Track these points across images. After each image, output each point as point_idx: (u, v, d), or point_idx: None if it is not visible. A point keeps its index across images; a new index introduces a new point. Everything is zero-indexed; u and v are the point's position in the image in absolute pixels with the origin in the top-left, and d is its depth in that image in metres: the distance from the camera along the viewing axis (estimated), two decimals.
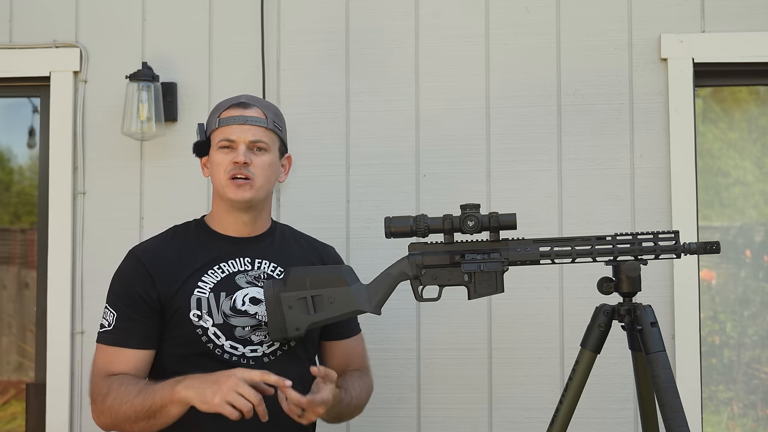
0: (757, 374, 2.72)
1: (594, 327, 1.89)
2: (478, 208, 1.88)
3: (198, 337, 1.85)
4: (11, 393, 3.23)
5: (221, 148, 1.91)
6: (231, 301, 1.88)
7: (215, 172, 1.92)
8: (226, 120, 1.91)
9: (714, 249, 1.83)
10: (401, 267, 1.92)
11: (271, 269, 1.96)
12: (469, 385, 2.55)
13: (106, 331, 1.87)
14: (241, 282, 1.91)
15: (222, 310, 1.87)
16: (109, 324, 1.87)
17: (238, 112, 1.92)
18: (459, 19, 2.63)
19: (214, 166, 1.92)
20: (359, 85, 2.64)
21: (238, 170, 1.88)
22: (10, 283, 3.23)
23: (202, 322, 1.85)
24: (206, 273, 1.89)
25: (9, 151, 3.30)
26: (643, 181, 2.55)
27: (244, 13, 2.67)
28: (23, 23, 2.73)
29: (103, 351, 1.87)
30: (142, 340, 1.86)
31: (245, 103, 1.94)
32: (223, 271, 1.91)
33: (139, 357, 1.86)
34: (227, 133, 1.90)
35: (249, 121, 1.91)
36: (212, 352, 1.85)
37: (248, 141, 1.90)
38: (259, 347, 1.88)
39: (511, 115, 2.60)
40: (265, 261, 1.96)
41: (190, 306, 1.86)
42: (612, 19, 2.59)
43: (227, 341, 1.86)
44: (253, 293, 1.90)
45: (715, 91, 2.79)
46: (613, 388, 2.50)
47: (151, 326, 1.86)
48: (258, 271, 1.93)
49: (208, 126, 1.96)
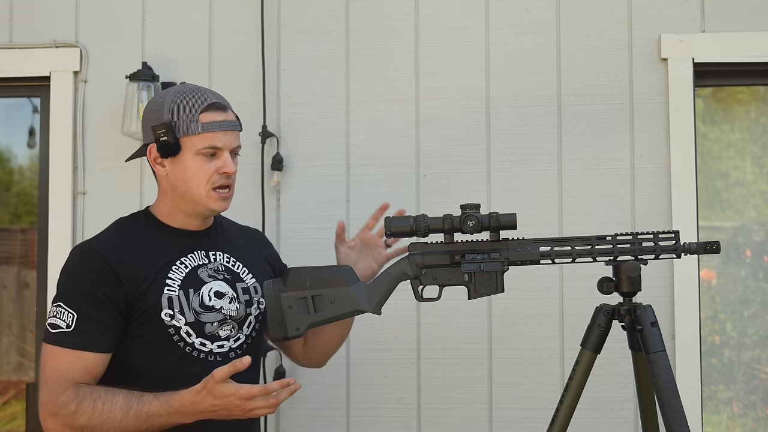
0: (757, 374, 2.72)
1: (594, 327, 1.89)
2: (478, 208, 1.88)
3: (169, 337, 1.79)
4: (11, 393, 3.24)
5: (201, 155, 1.81)
6: (199, 297, 1.82)
7: (191, 180, 1.81)
8: (211, 125, 1.80)
9: (714, 249, 1.83)
10: (401, 267, 1.92)
11: (225, 260, 1.91)
12: (469, 385, 2.55)
13: (63, 333, 1.73)
14: (204, 276, 1.85)
15: (193, 307, 1.81)
16: (67, 325, 1.73)
17: (221, 117, 1.82)
18: (459, 19, 2.64)
19: (189, 172, 1.81)
20: (359, 85, 2.64)
21: (226, 180, 1.83)
22: (10, 283, 3.23)
23: (175, 322, 1.79)
24: (171, 269, 1.82)
25: (9, 151, 3.30)
26: (643, 181, 2.55)
27: (244, 13, 2.67)
28: (23, 23, 2.73)
29: (61, 355, 1.73)
30: (105, 343, 1.75)
31: (221, 105, 1.84)
32: (186, 267, 1.84)
33: (100, 361, 1.75)
34: (212, 140, 1.80)
35: (233, 126, 1.83)
36: (182, 350, 1.80)
37: (233, 148, 1.84)
38: (225, 342, 1.84)
39: (511, 115, 2.60)
40: (218, 253, 1.91)
41: (162, 305, 1.78)
42: (612, 19, 2.60)
43: (197, 338, 1.81)
44: (216, 287, 1.85)
45: (715, 91, 2.79)
46: (613, 388, 2.50)
47: (114, 327, 1.76)
48: (215, 264, 1.89)
49: (179, 126, 1.80)
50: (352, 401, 2.58)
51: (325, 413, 2.58)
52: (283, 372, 2.55)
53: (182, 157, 1.81)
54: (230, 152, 1.84)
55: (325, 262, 2.20)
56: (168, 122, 1.80)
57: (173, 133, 1.80)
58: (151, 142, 1.84)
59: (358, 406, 2.57)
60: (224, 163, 1.82)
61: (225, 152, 1.82)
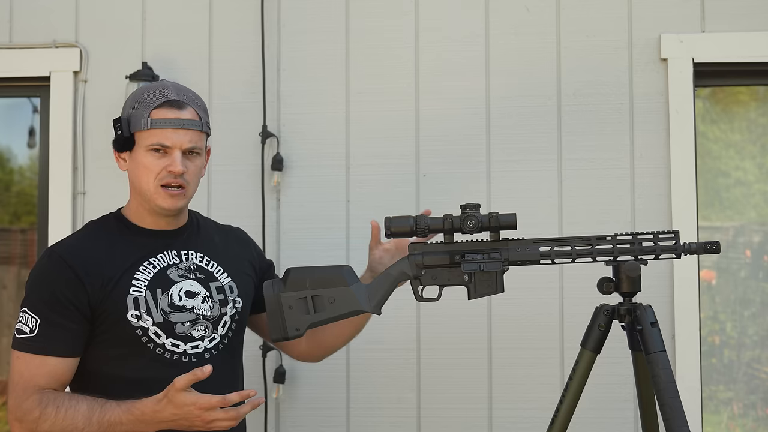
0: (757, 374, 2.72)
1: (594, 327, 1.89)
2: (478, 208, 1.88)
3: (137, 338, 1.76)
4: None
5: (152, 151, 1.78)
6: (168, 297, 1.80)
7: (142, 175, 1.79)
8: (160, 122, 1.76)
9: (714, 249, 1.83)
10: (401, 267, 1.92)
11: (198, 260, 1.89)
12: (469, 385, 2.55)
13: (27, 338, 1.72)
14: (174, 276, 1.83)
15: (161, 307, 1.78)
16: (31, 330, 1.71)
17: (173, 114, 1.77)
18: (459, 19, 2.63)
19: (140, 168, 1.79)
20: (359, 85, 2.64)
21: (172, 179, 1.78)
22: (10, 283, 3.23)
23: (142, 322, 1.76)
24: (138, 270, 1.79)
25: (9, 151, 3.30)
26: (643, 181, 2.55)
27: (244, 13, 2.67)
28: (23, 23, 2.73)
29: (26, 360, 1.72)
30: (69, 348, 1.73)
31: (179, 102, 1.79)
32: (154, 267, 1.82)
33: (66, 366, 1.74)
34: (161, 138, 1.76)
35: (185, 125, 1.78)
36: (152, 351, 1.77)
37: (184, 148, 1.78)
38: (200, 343, 1.81)
39: (511, 115, 2.60)
40: (191, 252, 1.88)
41: (128, 306, 1.75)
42: (612, 19, 2.60)
43: (168, 339, 1.78)
44: (187, 287, 1.83)
45: (715, 91, 2.79)
46: (613, 388, 2.50)
47: (78, 332, 1.74)
48: (187, 263, 1.86)
49: (133, 121, 1.78)
50: (352, 401, 2.58)
51: (325, 413, 2.58)
52: (284, 372, 2.55)
53: (136, 152, 1.80)
54: (187, 152, 1.80)
55: (325, 262, 2.20)
56: (125, 117, 1.80)
57: (128, 127, 1.79)
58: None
59: (358, 406, 2.57)
60: (171, 161, 1.78)
61: (175, 150, 1.78)
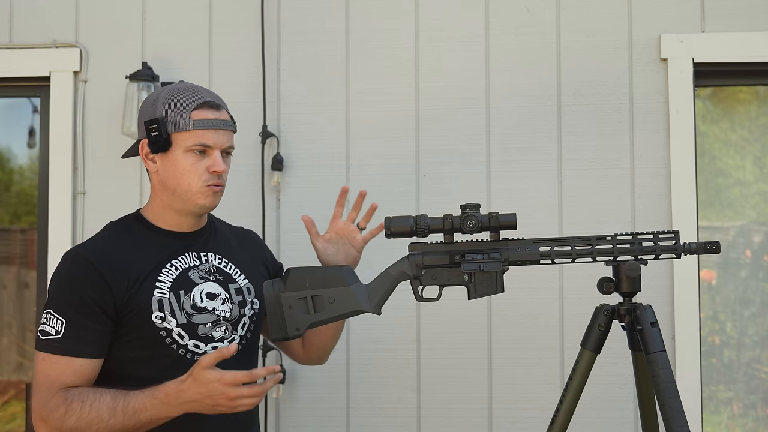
0: (757, 374, 2.72)
1: (594, 327, 1.89)
2: (478, 208, 1.88)
3: (161, 339, 1.78)
4: (11, 393, 3.23)
5: (191, 152, 1.80)
6: (190, 299, 1.82)
7: (182, 176, 1.81)
8: (202, 123, 1.80)
9: (714, 249, 1.83)
10: (401, 267, 1.92)
11: (217, 261, 1.90)
12: (469, 385, 2.55)
13: (53, 340, 1.73)
14: (195, 278, 1.85)
15: (184, 309, 1.80)
16: (56, 332, 1.73)
17: (213, 115, 1.81)
18: (459, 19, 2.64)
19: (179, 169, 1.81)
20: (359, 85, 2.64)
21: (216, 179, 1.82)
22: (10, 283, 3.23)
23: (166, 324, 1.78)
24: (161, 272, 1.81)
25: (9, 151, 3.30)
26: (643, 181, 2.55)
27: (244, 13, 2.67)
28: (23, 23, 2.73)
29: (51, 361, 1.73)
30: (95, 349, 1.75)
31: (215, 103, 1.83)
32: (176, 269, 1.84)
33: (91, 366, 1.75)
34: (203, 138, 1.79)
35: (225, 125, 1.83)
36: (175, 352, 1.79)
37: (224, 147, 1.83)
38: (220, 344, 1.83)
39: (511, 115, 2.60)
40: (210, 254, 1.90)
41: (152, 308, 1.77)
42: (612, 19, 2.60)
43: (191, 340, 1.80)
44: (207, 288, 1.85)
45: (715, 91, 2.79)
46: (613, 388, 2.50)
47: (104, 333, 1.76)
48: (207, 265, 1.88)
49: (170, 123, 1.80)
50: (352, 401, 2.58)
51: (325, 413, 2.58)
52: (284, 372, 2.55)
53: (173, 153, 1.81)
54: (222, 151, 1.83)
55: None
56: (160, 118, 1.80)
57: (165, 128, 1.80)
58: (143, 137, 1.84)
59: (358, 406, 2.57)
60: (214, 161, 1.81)
61: (215, 151, 1.81)
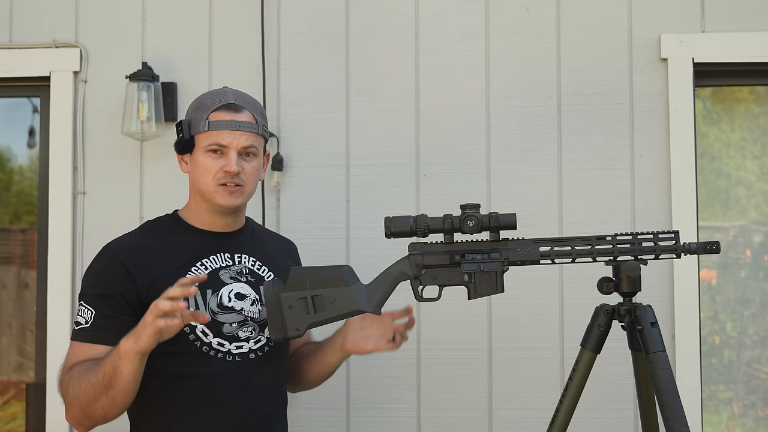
0: (757, 374, 2.72)
1: (594, 327, 1.89)
2: (478, 208, 1.88)
3: (185, 336, 1.81)
4: (11, 393, 3.23)
5: (210, 152, 1.86)
6: (217, 298, 1.86)
7: (201, 176, 1.87)
8: (217, 124, 1.85)
9: (714, 249, 1.83)
10: (401, 267, 1.92)
11: (250, 263, 1.94)
12: (469, 385, 2.55)
13: (83, 329, 1.81)
14: (225, 278, 1.89)
15: (209, 307, 1.84)
16: (86, 321, 1.81)
17: (230, 116, 1.86)
18: (459, 19, 2.63)
19: (199, 168, 1.87)
20: (359, 85, 2.64)
21: (229, 179, 1.85)
22: (10, 283, 3.23)
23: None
24: (190, 270, 1.86)
25: (9, 151, 3.30)
26: (643, 181, 2.55)
27: (244, 13, 2.67)
28: (23, 23, 2.73)
29: (77, 348, 1.81)
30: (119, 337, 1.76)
31: (236, 106, 1.88)
32: (206, 268, 1.88)
33: None
34: (218, 138, 1.85)
35: (241, 126, 1.86)
36: (199, 349, 1.83)
37: (240, 147, 1.86)
38: (245, 344, 1.86)
39: (511, 115, 2.60)
40: (244, 255, 1.94)
41: None
42: (612, 19, 2.59)
43: (215, 338, 1.84)
44: (237, 289, 1.89)
45: (715, 91, 2.79)
46: (613, 388, 2.50)
47: (130, 323, 1.78)
48: (239, 266, 1.92)
49: (193, 124, 1.88)
50: (352, 401, 2.58)
51: (325, 413, 2.58)
52: None
53: (195, 154, 1.89)
54: (242, 153, 1.87)
55: (325, 262, 2.20)
56: (187, 121, 1.90)
57: (188, 130, 1.88)
58: None
59: (358, 406, 2.57)
60: (227, 161, 1.86)
61: (231, 151, 1.85)
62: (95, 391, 1.71)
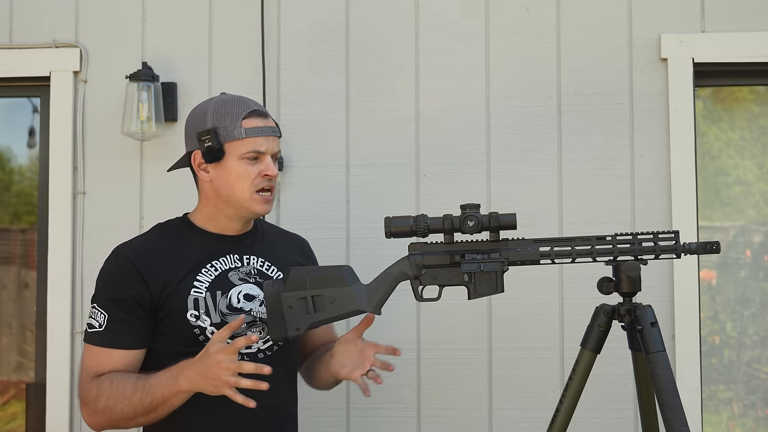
0: (757, 374, 2.72)
1: (594, 327, 1.89)
2: (478, 208, 1.88)
3: (195, 337, 1.85)
4: (11, 393, 3.23)
5: (245, 159, 1.88)
6: (227, 300, 1.89)
7: (236, 183, 1.88)
8: (254, 131, 1.88)
9: (714, 249, 1.83)
10: (401, 267, 1.92)
11: (259, 264, 1.96)
12: (469, 385, 2.55)
13: (96, 332, 1.84)
14: (234, 279, 1.91)
15: (219, 309, 1.87)
16: (99, 325, 1.84)
17: (263, 123, 1.91)
18: (459, 19, 2.63)
19: (233, 176, 1.88)
20: (359, 85, 2.64)
21: (268, 183, 1.90)
22: (10, 283, 3.23)
23: (200, 322, 1.85)
24: (200, 272, 1.89)
25: (9, 151, 3.30)
26: (643, 181, 2.55)
27: (244, 13, 2.67)
28: (23, 23, 2.73)
29: (93, 352, 1.84)
30: (134, 341, 1.84)
31: (263, 112, 1.93)
32: (216, 269, 1.90)
33: (131, 357, 1.84)
34: (256, 145, 1.88)
35: (274, 132, 1.92)
36: None
37: (274, 152, 1.92)
38: (254, 344, 1.88)
39: (511, 115, 2.60)
40: (252, 257, 1.96)
41: (187, 306, 1.85)
42: (612, 19, 2.60)
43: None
44: (246, 290, 1.92)
45: (715, 91, 2.79)
46: (613, 388, 2.50)
47: (143, 326, 1.85)
48: (248, 267, 1.94)
49: (223, 132, 1.88)
50: (352, 401, 2.58)
51: (325, 413, 2.58)
52: None
53: (226, 161, 1.89)
54: (271, 157, 1.91)
55: (325, 262, 2.20)
56: (212, 129, 1.88)
57: (217, 138, 1.87)
58: (195, 149, 1.92)
59: (358, 406, 2.57)
60: (266, 166, 1.89)
61: (267, 156, 1.90)
62: (136, 412, 1.77)
